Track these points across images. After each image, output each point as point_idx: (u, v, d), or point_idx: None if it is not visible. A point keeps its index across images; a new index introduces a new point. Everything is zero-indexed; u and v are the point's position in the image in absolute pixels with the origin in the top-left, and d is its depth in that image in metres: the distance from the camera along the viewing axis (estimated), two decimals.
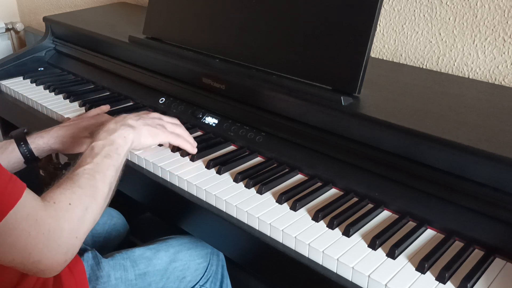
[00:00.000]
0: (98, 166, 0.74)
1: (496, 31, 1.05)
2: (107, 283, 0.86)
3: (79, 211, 0.68)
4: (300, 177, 0.88)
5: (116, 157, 0.77)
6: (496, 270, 0.66)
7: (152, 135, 0.86)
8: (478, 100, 0.93)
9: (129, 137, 0.81)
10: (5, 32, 2.34)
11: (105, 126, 0.82)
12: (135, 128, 0.83)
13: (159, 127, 0.88)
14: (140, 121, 0.85)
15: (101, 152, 0.76)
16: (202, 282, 0.99)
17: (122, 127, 0.81)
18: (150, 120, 0.87)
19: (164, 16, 1.20)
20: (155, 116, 0.90)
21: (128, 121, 0.84)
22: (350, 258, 0.67)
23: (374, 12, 0.83)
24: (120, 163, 0.79)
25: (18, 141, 0.91)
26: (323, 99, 0.87)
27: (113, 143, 0.78)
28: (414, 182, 0.76)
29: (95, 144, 0.78)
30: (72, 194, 0.69)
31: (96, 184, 0.72)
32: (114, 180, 0.77)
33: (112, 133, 0.80)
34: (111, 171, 0.75)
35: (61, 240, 0.65)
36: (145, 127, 0.85)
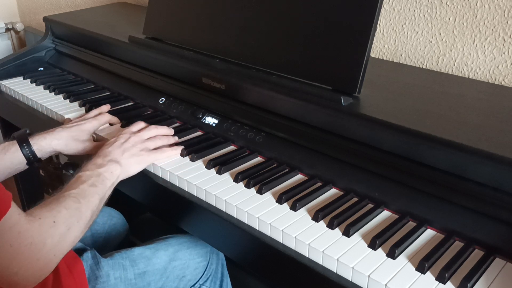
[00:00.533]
0: (83, 192, 0.77)
1: (496, 31, 1.05)
2: (106, 282, 0.86)
3: (62, 229, 0.70)
4: (300, 177, 0.88)
5: (101, 187, 0.80)
6: (496, 270, 0.66)
7: (138, 162, 0.88)
8: (478, 100, 0.93)
9: (115, 172, 0.84)
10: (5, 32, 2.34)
11: (93, 160, 0.85)
12: (121, 164, 0.85)
13: (143, 153, 0.90)
14: (125, 154, 0.87)
15: (88, 180, 0.79)
16: (202, 281, 0.99)
17: (109, 163, 0.84)
18: (133, 149, 0.89)
19: (164, 16, 1.20)
20: (136, 140, 0.91)
21: (115, 156, 0.86)
22: (350, 258, 0.67)
23: (374, 12, 0.83)
24: (105, 194, 0.82)
25: (21, 142, 0.91)
26: (323, 99, 0.87)
27: (99, 175, 0.81)
28: (414, 182, 0.76)
29: (82, 173, 0.81)
30: (58, 213, 0.71)
31: (81, 208, 0.75)
32: (97, 209, 0.79)
33: (100, 167, 0.83)
34: (95, 199, 0.78)
35: (41, 255, 0.67)
36: (130, 159, 0.87)
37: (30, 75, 1.38)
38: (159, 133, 0.96)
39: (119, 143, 0.89)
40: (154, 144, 0.93)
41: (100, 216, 1.10)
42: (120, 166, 0.85)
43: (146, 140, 0.92)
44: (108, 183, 0.82)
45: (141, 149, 0.90)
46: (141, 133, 0.93)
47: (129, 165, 0.87)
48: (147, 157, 0.90)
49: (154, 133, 0.95)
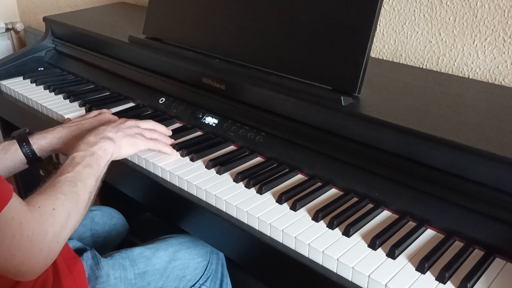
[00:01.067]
0: (79, 174, 0.76)
1: (496, 31, 1.05)
2: (106, 282, 0.86)
3: (62, 216, 0.70)
4: (300, 177, 0.88)
5: (96, 167, 0.79)
6: (496, 270, 0.66)
7: (132, 145, 0.88)
8: (478, 100, 0.93)
9: (109, 150, 0.83)
10: (5, 32, 2.34)
11: (85, 139, 0.83)
12: (114, 141, 0.84)
13: (138, 136, 0.89)
14: (119, 133, 0.86)
15: (82, 162, 0.78)
16: (202, 281, 0.99)
17: (102, 140, 0.83)
18: (128, 130, 0.88)
19: (164, 16, 1.20)
20: (132, 124, 0.91)
21: (108, 133, 0.85)
22: (350, 258, 0.67)
23: (374, 12, 0.83)
24: (100, 173, 0.81)
25: (20, 141, 0.90)
26: (323, 99, 0.87)
27: (93, 154, 0.80)
28: (414, 182, 0.76)
29: (76, 154, 0.80)
30: (56, 200, 0.71)
31: (78, 192, 0.74)
32: (94, 189, 0.79)
33: (93, 145, 0.82)
34: (91, 180, 0.77)
35: (44, 244, 0.66)
36: (124, 138, 0.86)
37: (30, 75, 1.38)
38: (157, 129, 0.95)
39: (116, 124, 0.89)
40: (150, 135, 0.92)
41: (100, 216, 1.10)
42: (113, 143, 0.84)
43: (143, 129, 0.92)
44: (103, 161, 0.81)
45: (136, 133, 0.89)
46: (139, 122, 0.93)
47: (122, 145, 0.86)
48: (141, 142, 0.89)
49: (152, 126, 0.95)
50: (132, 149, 0.88)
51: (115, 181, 1.05)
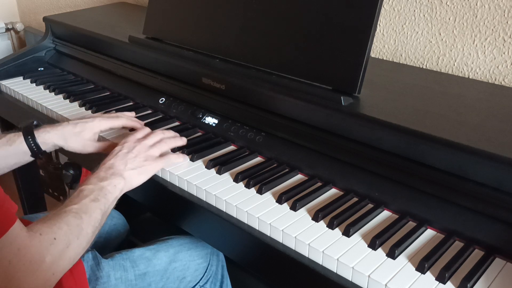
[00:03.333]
0: (85, 207, 0.75)
1: (496, 31, 1.05)
2: (107, 283, 0.86)
3: (62, 246, 0.68)
4: (300, 177, 0.88)
5: (103, 201, 0.78)
6: (496, 270, 0.66)
7: (142, 173, 0.85)
8: (478, 100, 0.93)
9: (118, 186, 0.81)
10: (5, 32, 2.34)
11: (96, 173, 0.82)
12: (124, 177, 0.83)
13: (147, 162, 0.87)
14: (128, 165, 0.84)
15: (90, 195, 0.77)
16: (202, 282, 0.99)
17: (112, 176, 0.81)
18: (137, 160, 0.86)
19: (164, 16, 1.20)
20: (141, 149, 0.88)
21: (118, 168, 0.83)
22: (350, 258, 0.67)
23: (374, 12, 0.83)
24: (107, 208, 0.79)
25: (26, 134, 0.90)
26: (323, 99, 0.87)
27: (102, 189, 0.79)
28: (414, 182, 0.76)
29: (84, 187, 0.79)
30: (59, 229, 0.69)
31: (82, 224, 0.73)
32: (99, 224, 0.77)
33: (103, 180, 0.80)
34: (97, 214, 0.76)
35: (39, 273, 0.65)
36: (133, 170, 0.84)
37: (30, 75, 1.38)
38: (165, 136, 0.93)
39: (122, 154, 0.86)
40: (159, 150, 0.90)
41: None
42: (123, 179, 0.82)
43: (151, 147, 0.89)
44: (111, 197, 0.80)
45: (145, 159, 0.86)
46: (146, 140, 0.89)
47: (132, 177, 0.84)
48: (150, 166, 0.87)
49: (160, 137, 0.92)
50: (143, 178, 0.86)
51: None
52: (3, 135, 0.90)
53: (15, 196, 1.58)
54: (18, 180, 1.54)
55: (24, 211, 1.62)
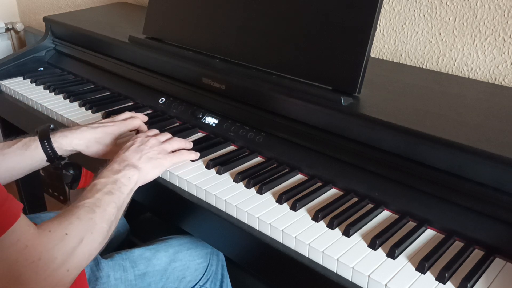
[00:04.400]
0: (99, 201, 0.72)
1: (496, 31, 1.05)
2: (106, 283, 0.86)
3: (74, 242, 0.66)
4: (300, 177, 0.88)
5: (118, 194, 0.75)
6: (496, 270, 0.66)
7: (156, 167, 0.84)
8: (478, 100, 0.93)
9: (133, 177, 0.79)
10: (5, 32, 2.34)
11: (109, 166, 0.80)
12: (139, 168, 0.81)
13: (161, 155, 0.86)
14: (143, 158, 0.83)
15: (103, 189, 0.75)
16: (202, 282, 0.99)
17: (126, 168, 0.79)
18: (151, 152, 0.85)
19: (164, 16, 1.20)
20: (154, 142, 0.87)
21: (132, 160, 0.82)
22: (350, 258, 0.67)
23: (374, 12, 0.83)
24: (122, 201, 0.77)
25: (42, 139, 0.88)
26: (323, 99, 0.87)
27: (116, 182, 0.77)
28: (414, 182, 0.76)
29: (97, 181, 0.76)
30: (70, 224, 0.67)
31: (95, 218, 0.70)
32: (115, 218, 0.74)
33: (116, 172, 0.78)
34: (111, 208, 0.73)
35: (50, 272, 0.62)
36: (148, 163, 0.83)
37: (30, 75, 1.38)
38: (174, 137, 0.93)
39: (136, 147, 0.85)
40: (171, 147, 0.89)
41: None
42: (138, 170, 0.80)
43: (163, 142, 0.88)
44: (126, 189, 0.77)
45: (158, 152, 0.86)
46: (157, 136, 0.90)
47: (148, 169, 0.82)
48: (165, 160, 0.86)
49: (170, 136, 0.92)
50: (157, 171, 0.85)
51: None
52: (19, 140, 0.88)
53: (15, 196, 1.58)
54: (18, 180, 1.54)
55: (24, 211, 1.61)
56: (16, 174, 0.88)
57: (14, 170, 0.87)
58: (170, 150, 0.89)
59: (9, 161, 0.86)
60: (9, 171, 0.86)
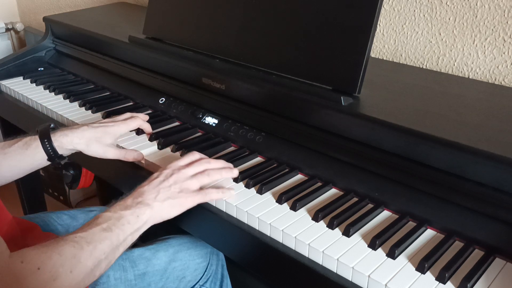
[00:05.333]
0: (91, 236, 0.67)
1: (496, 31, 1.05)
2: (106, 283, 0.86)
3: (46, 277, 0.61)
4: (300, 177, 0.88)
5: (117, 232, 0.70)
6: (496, 270, 0.66)
7: (175, 206, 0.77)
8: (478, 100, 0.93)
9: (142, 217, 0.73)
10: (5, 32, 2.34)
11: (125, 198, 0.75)
12: (152, 207, 0.74)
13: (182, 194, 0.77)
14: (161, 195, 0.76)
15: (103, 223, 0.69)
16: (202, 281, 0.99)
17: (138, 205, 0.74)
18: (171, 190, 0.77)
19: (164, 16, 1.20)
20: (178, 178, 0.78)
21: (147, 197, 0.75)
22: (350, 258, 0.67)
23: (374, 12, 0.83)
24: (122, 240, 0.70)
25: (42, 138, 0.87)
26: (323, 99, 0.87)
27: (120, 219, 0.71)
28: (414, 182, 0.76)
29: (103, 214, 0.72)
30: (47, 258, 0.62)
31: (79, 255, 0.64)
32: (106, 258, 0.68)
33: (125, 209, 0.73)
34: (104, 246, 0.67)
35: None
36: (166, 201, 0.76)
37: (30, 75, 1.38)
38: (210, 167, 0.82)
39: (158, 182, 0.78)
40: (198, 183, 0.80)
41: None
42: (150, 209, 0.74)
43: (190, 178, 0.79)
44: (129, 228, 0.71)
45: (180, 190, 0.77)
46: (186, 169, 0.80)
47: (162, 209, 0.75)
48: (185, 200, 0.77)
49: (204, 167, 0.82)
50: (174, 211, 0.77)
51: (115, 181, 1.05)
52: (19, 139, 0.88)
53: (15, 196, 1.58)
54: (18, 180, 1.54)
55: (24, 211, 1.62)
56: (17, 174, 0.88)
57: (15, 169, 0.87)
58: (196, 187, 0.80)
59: (10, 160, 0.86)
60: (10, 171, 0.87)
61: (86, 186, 1.85)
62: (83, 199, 2.11)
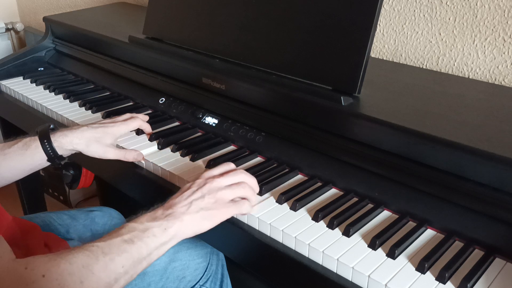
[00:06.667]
0: (109, 247, 0.62)
1: (496, 31, 1.05)
2: None
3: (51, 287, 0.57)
4: (300, 177, 0.88)
5: (139, 245, 0.64)
6: (496, 270, 0.66)
7: (207, 218, 0.71)
8: (478, 100, 0.93)
9: (170, 230, 0.68)
10: (5, 32, 2.34)
11: (154, 211, 0.71)
12: (183, 220, 0.69)
13: (216, 205, 0.72)
14: (193, 207, 0.71)
15: (126, 234, 0.65)
16: (202, 281, 0.99)
17: (167, 218, 0.69)
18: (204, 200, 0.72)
19: (164, 16, 1.20)
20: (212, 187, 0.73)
21: (178, 209, 0.70)
22: (350, 258, 0.67)
23: (374, 12, 0.83)
24: (145, 255, 0.65)
25: (42, 138, 0.87)
26: (323, 99, 0.87)
27: (145, 231, 0.66)
28: (414, 182, 0.76)
29: (128, 224, 0.67)
30: (54, 266, 0.58)
31: (92, 267, 0.60)
32: (126, 273, 0.63)
33: (153, 220, 0.68)
34: (122, 259, 0.62)
35: None
36: (196, 214, 0.70)
37: (30, 75, 1.38)
38: (246, 181, 0.77)
39: (190, 192, 0.73)
40: (233, 194, 0.75)
41: (100, 216, 1.10)
42: (180, 222, 0.69)
43: (225, 188, 0.74)
44: (154, 242, 0.66)
45: (214, 201, 0.72)
46: (221, 178, 0.75)
47: (193, 222, 0.70)
48: (218, 211, 0.72)
49: (239, 179, 0.77)
50: (207, 224, 0.71)
51: (115, 181, 1.05)
52: (19, 140, 0.88)
53: (15, 196, 1.58)
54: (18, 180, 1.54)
55: (24, 211, 1.62)
56: (17, 174, 0.89)
57: (15, 170, 0.87)
58: (231, 199, 0.75)
59: (10, 161, 0.86)
60: (10, 171, 0.87)
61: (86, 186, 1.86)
62: (83, 199, 2.11)
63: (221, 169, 0.78)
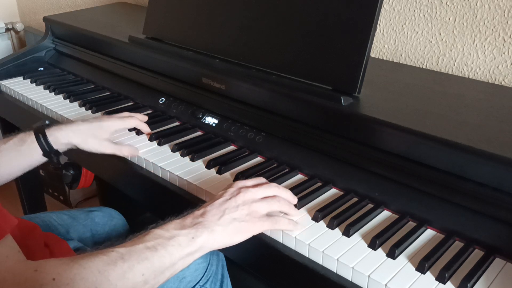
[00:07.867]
0: (130, 254, 0.59)
1: (496, 31, 1.05)
2: None
3: None
4: (300, 177, 0.88)
5: (162, 253, 0.61)
6: (496, 270, 0.66)
7: (239, 231, 0.67)
8: (478, 100, 0.93)
9: (198, 240, 0.64)
10: (5, 32, 2.34)
11: (184, 217, 0.67)
12: (213, 230, 0.65)
13: (249, 218, 0.68)
14: (225, 217, 0.66)
15: (150, 241, 0.61)
16: (202, 282, 0.98)
17: (196, 227, 0.65)
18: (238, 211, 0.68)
19: (164, 16, 1.20)
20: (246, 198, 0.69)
21: (209, 219, 0.66)
22: (350, 258, 0.67)
23: (374, 12, 0.83)
24: (168, 265, 0.61)
25: (37, 133, 0.87)
26: (323, 99, 0.87)
27: (171, 239, 0.62)
28: (414, 182, 0.76)
29: (153, 230, 0.64)
30: (66, 270, 0.55)
31: (108, 273, 0.56)
32: (146, 283, 0.59)
33: (182, 228, 0.64)
34: (143, 267, 0.59)
35: None
36: (229, 225, 0.66)
37: (30, 75, 1.38)
38: (280, 195, 0.74)
39: (222, 200, 0.69)
40: (268, 207, 0.71)
41: (100, 216, 1.10)
42: (209, 233, 0.65)
43: (260, 201, 0.70)
44: (179, 252, 0.62)
45: (248, 213, 0.68)
46: (256, 189, 0.71)
47: (225, 234, 0.66)
48: (253, 225, 0.68)
49: (273, 192, 0.73)
50: (238, 237, 0.67)
51: (115, 181, 1.05)
52: (14, 135, 0.88)
53: (15, 196, 1.58)
54: (18, 180, 1.54)
55: (24, 211, 1.62)
56: (15, 171, 0.88)
57: (12, 166, 0.87)
58: (265, 213, 0.71)
59: (6, 158, 0.85)
60: (7, 168, 0.87)
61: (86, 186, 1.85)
62: (83, 199, 2.11)
63: (253, 181, 0.74)
